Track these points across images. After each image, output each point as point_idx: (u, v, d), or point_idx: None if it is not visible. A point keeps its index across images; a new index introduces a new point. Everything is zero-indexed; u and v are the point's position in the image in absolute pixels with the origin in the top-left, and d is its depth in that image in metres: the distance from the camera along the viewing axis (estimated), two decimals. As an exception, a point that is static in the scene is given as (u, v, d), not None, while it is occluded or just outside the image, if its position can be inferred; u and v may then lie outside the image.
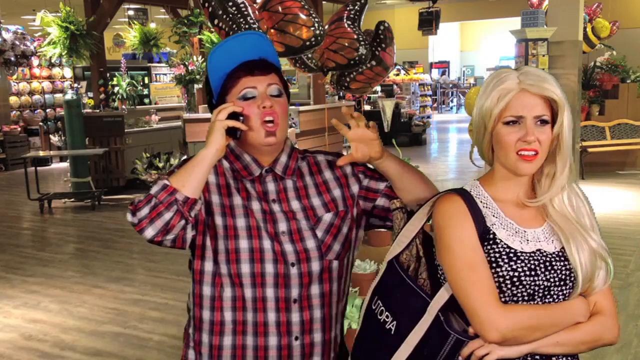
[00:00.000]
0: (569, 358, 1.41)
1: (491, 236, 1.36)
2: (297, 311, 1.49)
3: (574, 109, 7.61)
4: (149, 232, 1.39)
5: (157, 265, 5.88)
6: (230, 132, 1.46)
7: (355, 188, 1.61)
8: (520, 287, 1.34)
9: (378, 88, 15.14)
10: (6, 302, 5.03)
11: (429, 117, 17.99)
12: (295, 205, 1.54)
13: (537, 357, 1.37)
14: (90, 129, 9.46)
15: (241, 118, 1.48)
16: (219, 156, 1.44)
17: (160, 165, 7.96)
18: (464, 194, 1.40)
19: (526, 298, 1.35)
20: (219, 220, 1.50)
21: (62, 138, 10.30)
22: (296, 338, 1.50)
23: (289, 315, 1.49)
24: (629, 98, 10.40)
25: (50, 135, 11.67)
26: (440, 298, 1.34)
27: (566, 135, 1.37)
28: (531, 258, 1.36)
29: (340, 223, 1.56)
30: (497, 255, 1.35)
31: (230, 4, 3.48)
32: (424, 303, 1.34)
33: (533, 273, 1.35)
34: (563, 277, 1.37)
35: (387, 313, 1.38)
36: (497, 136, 1.38)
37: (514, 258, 1.35)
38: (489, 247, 1.35)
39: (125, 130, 9.81)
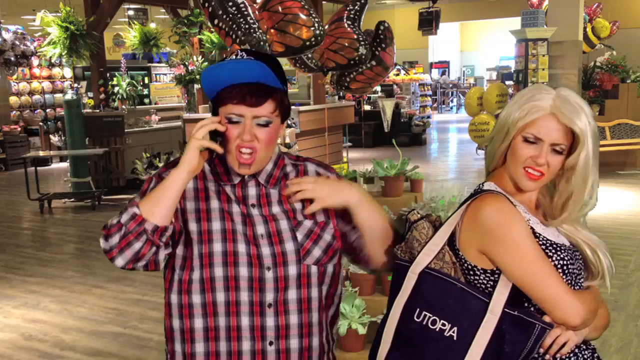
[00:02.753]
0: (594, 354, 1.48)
1: (531, 230, 1.41)
2: (271, 316, 1.45)
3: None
4: (119, 262, 1.40)
5: (157, 265, 5.88)
6: (209, 149, 1.45)
7: None
8: (568, 275, 1.41)
9: (378, 88, 15.14)
10: (6, 302, 5.03)
11: (429, 117, 17.99)
12: (275, 209, 1.51)
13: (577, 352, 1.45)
14: (90, 129, 9.46)
15: (218, 139, 1.44)
16: (191, 177, 1.43)
17: (160, 165, 7.97)
18: (501, 193, 1.43)
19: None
20: (193, 227, 1.47)
21: (62, 138, 10.30)
22: (270, 343, 1.46)
23: (263, 319, 1.45)
24: (629, 98, 10.40)
25: (50, 135, 11.67)
26: (501, 296, 1.36)
27: (580, 168, 1.39)
28: (567, 249, 1.44)
29: (320, 231, 1.52)
30: (543, 247, 1.40)
31: (230, 4, 3.49)
32: (482, 304, 1.36)
33: (572, 262, 1.43)
34: (582, 267, 1.47)
35: (442, 321, 1.37)
36: (513, 147, 1.43)
37: (558, 250, 1.41)
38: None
39: (125, 130, 9.81)
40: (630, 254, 5.74)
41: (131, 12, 12.00)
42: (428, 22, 12.70)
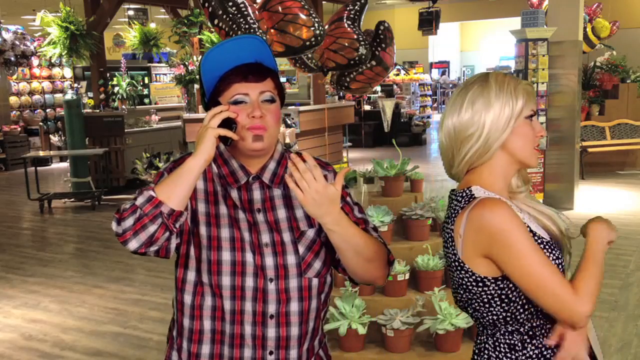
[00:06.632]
0: None
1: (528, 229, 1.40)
2: (273, 327, 1.48)
3: (573, 108, 7.61)
4: (133, 245, 1.36)
5: (157, 265, 5.88)
6: (222, 137, 1.43)
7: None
8: (561, 270, 1.41)
9: (378, 88, 15.14)
10: (6, 302, 5.03)
11: (429, 117, 17.99)
12: (281, 214, 1.51)
13: None
14: (90, 129, 9.46)
15: (234, 126, 1.44)
16: (206, 165, 1.41)
17: (160, 165, 7.97)
18: (497, 197, 1.40)
19: None
20: (203, 230, 1.48)
21: (62, 138, 10.30)
22: (270, 353, 1.49)
23: (265, 330, 1.48)
24: (629, 98, 10.40)
25: (50, 135, 11.67)
26: None
27: None
28: (554, 244, 1.43)
29: (323, 240, 1.51)
30: (541, 247, 1.39)
31: (230, 4, 3.49)
32: None
33: (562, 259, 1.43)
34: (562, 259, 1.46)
35: None
36: (520, 131, 1.42)
37: (551, 248, 1.41)
38: None
39: (125, 130, 9.81)
40: (630, 254, 5.74)
41: (131, 12, 11.99)
42: (428, 22, 12.70)
